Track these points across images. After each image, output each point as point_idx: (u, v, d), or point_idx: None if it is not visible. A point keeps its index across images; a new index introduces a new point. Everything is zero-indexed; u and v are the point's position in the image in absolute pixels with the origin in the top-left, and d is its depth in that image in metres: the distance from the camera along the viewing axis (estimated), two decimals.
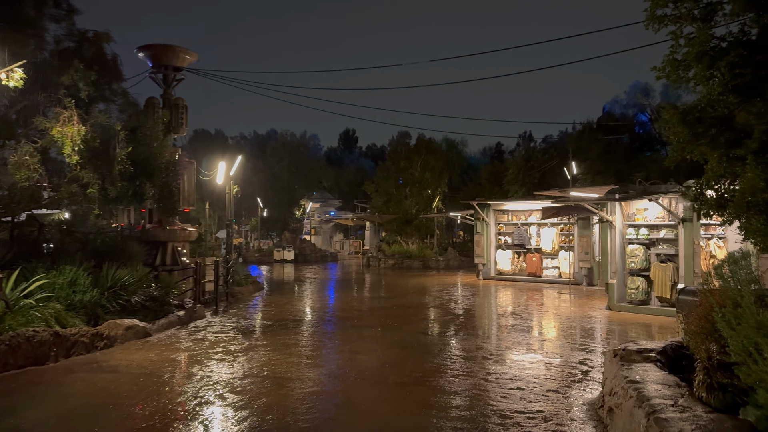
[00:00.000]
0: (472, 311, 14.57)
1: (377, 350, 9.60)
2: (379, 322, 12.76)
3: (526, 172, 35.65)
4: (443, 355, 9.08)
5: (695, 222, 12.69)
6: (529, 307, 15.20)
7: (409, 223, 32.86)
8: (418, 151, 34.01)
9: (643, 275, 13.82)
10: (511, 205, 23.44)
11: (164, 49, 15.45)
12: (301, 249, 35.24)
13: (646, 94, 35.19)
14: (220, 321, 12.77)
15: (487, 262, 22.98)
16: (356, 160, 70.65)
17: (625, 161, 31.83)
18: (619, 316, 13.25)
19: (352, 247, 44.13)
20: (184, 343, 10.27)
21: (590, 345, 10.08)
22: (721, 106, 5.19)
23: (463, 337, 10.79)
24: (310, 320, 12.86)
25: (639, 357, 5.93)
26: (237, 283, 18.25)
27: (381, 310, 14.62)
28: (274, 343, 10.09)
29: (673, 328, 11.86)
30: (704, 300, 6.00)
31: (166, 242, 15.10)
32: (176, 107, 15.47)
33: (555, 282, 21.37)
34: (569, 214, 18.87)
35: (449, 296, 17.59)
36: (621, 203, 14.14)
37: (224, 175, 18.09)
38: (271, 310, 14.55)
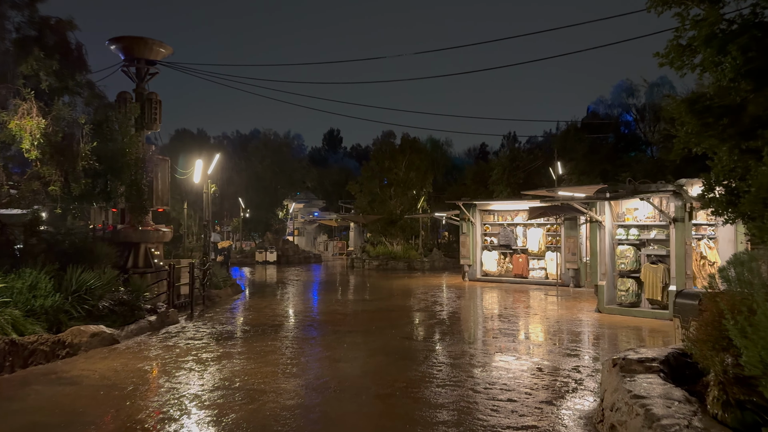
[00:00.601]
0: (458, 314, 14.09)
1: (359, 357, 9.06)
2: (361, 326, 12.22)
3: (511, 173, 35.37)
4: (429, 363, 8.57)
5: (687, 222, 12.35)
6: (516, 309, 14.77)
7: (394, 223, 32.36)
8: (403, 150, 33.53)
9: (633, 277, 13.46)
10: (497, 205, 23.05)
11: (137, 42, 14.77)
12: (283, 250, 34.55)
13: (631, 94, 35.13)
14: (194, 326, 12.14)
15: (472, 263, 22.55)
16: (341, 160, 70.05)
17: (611, 161, 31.66)
18: (609, 319, 12.86)
19: (337, 248, 43.52)
20: (154, 351, 9.64)
21: (582, 350, 9.64)
22: (733, 94, 4.75)
23: (450, 342, 10.30)
24: (290, 325, 12.28)
25: (641, 367, 5.47)
26: (215, 285, 17.60)
27: (364, 314, 14.08)
28: (250, 351, 9.50)
29: (665, 332, 11.50)
30: (710, 305, 5.56)
31: (138, 243, 14.41)
32: (149, 102, 14.78)
33: (542, 283, 21.01)
34: (556, 214, 18.50)
35: (434, 299, 17.10)
36: (610, 203, 13.77)
37: (201, 174, 17.42)
38: (250, 315, 13.94)
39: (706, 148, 5.04)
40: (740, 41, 4.56)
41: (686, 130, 4.96)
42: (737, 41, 4.59)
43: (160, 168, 14.56)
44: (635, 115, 35.06)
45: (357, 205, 34.70)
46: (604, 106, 35.93)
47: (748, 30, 4.54)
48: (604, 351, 9.61)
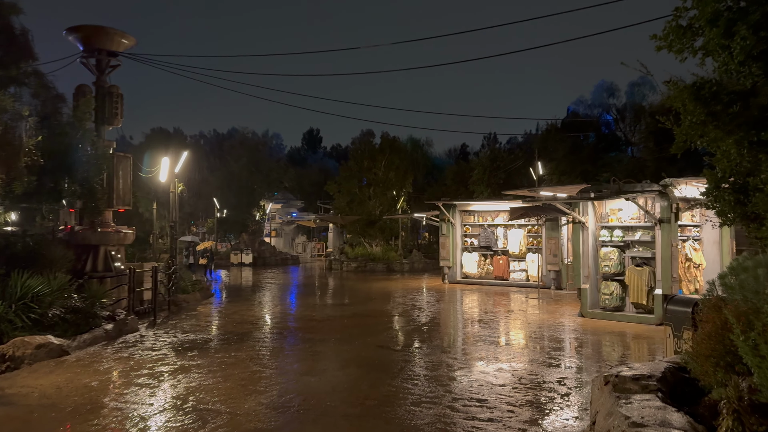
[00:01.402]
0: (437, 320, 13.49)
1: (329, 370, 8.38)
2: (335, 333, 11.54)
3: (492, 173, 34.96)
4: (404, 375, 7.93)
5: (673, 223, 11.91)
6: (497, 314, 14.22)
7: (373, 224, 31.68)
8: (383, 150, 32.87)
9: (617, 280, 12.99)
10: (478, 205, 22.53)
11: (97, 31, 13.89)
12: (260, 252, 33.65)
13: (612, 94, 34.93)
14: (155, 335, 11.34)
15: (452, 265, 22.00)
16: (320, 160, 69.14)
17: (591, 161, 31.41)
18: (593, 324, 12.37)
19: (315, 250, 42.71)
20: (105, 364, 8.86)
21: (566, 359, 9.09)
22: (742, 80, 4.18)
23: (427, 351, 9.67)
24: (259, 333, 11.55)
25: (636, 386, 4.89)
26: (182, 290, 16.76)
27: (339, 320, 13.40)
28: (211, 363, 8.76)
29: (650, 337, 11.03)
30: (711, 316, 5.01)
31: (97, 246, 13.53)
32: (110, 96, 13.91)
33: (522, 285, 20.53)
34: (538, 214, 18.02)
35: (413, 302, 16.48)
36: (594, 203, 13.29)
37: (168, 173, 16.56)
38: (217, 322, 13.16)
39: (710, 141, 4.47)
40: (751, 19, 4.00)
41: (691, 120, 4.38)
42: (748, 19, 4.03)
43: (122, 166, 13.71)
44: (615, 115, 34.90)
45: (335, 206, 33.96)
46: (585, 106, 35.77)
47: (761, 6, 3.98)
48: (590, 360, 9.08)
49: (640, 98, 33.21)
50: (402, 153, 34.36)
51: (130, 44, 14.41)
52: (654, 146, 25.75)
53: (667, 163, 24.85)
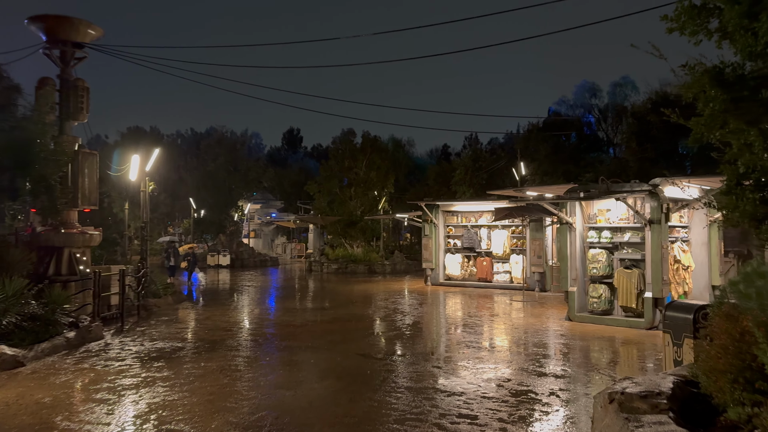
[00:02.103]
0: (421, 325, 12.98)
1: (307, 382, 7.80)
2: (314, 340, 10.95)
3: (474, 173, 34.65)
4: (386, 388, 7.38)
5: (663, 224, 11.56)
6: (482, 318, 13.76)
7: (354, 225, 31.09)
8: (364, 149, 32.31)
9: (605, 282, 12.61)
10: (461, 206, 22.10)
11: (61, 21, 13.11)
12: (237, 253, 32.83)
13: (593, 94, 34.84)
14: (121, 343, 10.63)
15: (435, 267, 21.53)
16: (301, 160, 68.34)
17: (573, 162, 31.25)
18: (581, 328, 11.97)
19: (295, 251, 41.95)
20: (63, 376, 8.16)
21: (557, 368, 8.63)
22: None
23: (411, 359, 9.14)
24: (232, 340, 10.90)
25: (644, 405, 4.41)
26: (153, 294, 16.01)
27: (318, 325, 12.81)
28: (178, 375, 8.12)
29: (641, 342, 10.65)
30: (725, 325, 4.56)
31: (61, 248, 12.76)
32: (75, 89, 13.14)
33: (506, 287, 20.13)
34: (522, 215, 17.64)
35: (395, 306, 15.95)
36: (581, 203, 12.90)
37: (138, 171, 15.80)
38: (188, 328, 12.47)
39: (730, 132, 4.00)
40: None
41: (712, 107, 3.90)
42: None
43: (88, 163, 12.95)
44: (597, 116, 34.82)
45: (316, 206, 33.30)
46: (567, 106, 35.65)
47: None
48: (582, 368, 8.63)
49: (622, 99, 33.19)
50: (383, 152, 33.85)
51: (97, 35, 13.65)
52: (636, 146, 25.62)
53: (649, 164, 24.74)
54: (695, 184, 12.81)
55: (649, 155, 24.69)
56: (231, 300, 17.76)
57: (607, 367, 8.73)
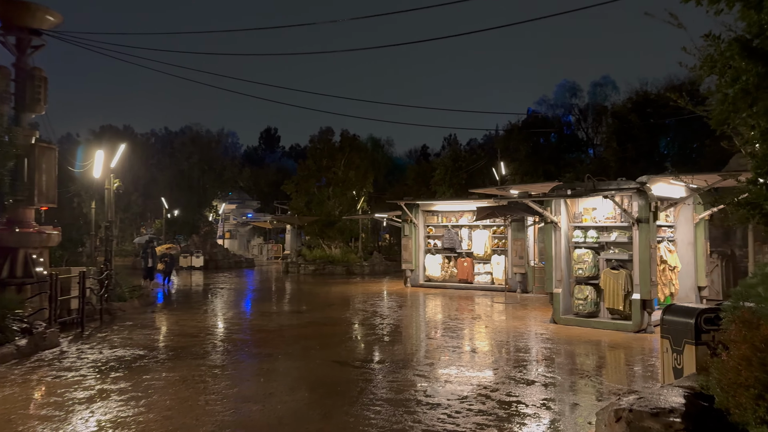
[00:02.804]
0: (400, 329, 12.41)
1: (277, 394, 7.16)
2: (287, 346, 10.30)
3: (454, 173, 34.24)
4: (364, 400, 6.78)
5: (651, 223, 11.17)
6: (464, 321, 13.25)
7: (332, 225, 30.42)
8: (342, 148, 31.69)
9: (591, 284, 12.19)
10: (442, 205, 21.60)
11: (16, 6, 12.24)
12: (211, 254, 31.89)
13: (574, 94, 34.72)
14: (78, 351, 9.85)
15: (415, 268, 21.00)
16: (278, 160, 67.36)
17: (553, 162, 31.03)
18: (567, 331, 11.52)
19: (272, 252, 41.08)
20: (7, 389, 7.39)
21: (545, 376, 8.12)
22: None
23: (390, 367, 8.55)
24: (199, 347, 10.18)
25: (657, 424, 3.89)
26: (119, 297, 15.17)
27: (292, 330, 12.14)
28: (137, 387, 7.41)
29: (629, 347, 10.22)
30: (745, 333, 4.07)
31: (16, 249, 11.88)
32: (32, 79, 12.28)
33: (488, 289, 19.69)
34: (505, 214, 17.21)
35: (374, 308, 15.36)
36: (566, 202, 12.46)
37: (103, 168, 14.94)
38: (153, 334, 11.70)
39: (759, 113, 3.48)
40: None
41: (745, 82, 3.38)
42: None
43: (45, 158, 12.10)
44: (577, 116, 34.72)
45: (293, 206, 32.54)
46: (547, 105, 35.49)
47: None
48: (572, 375, 8.14)
49: (602, 98, 33.12)
50: (362, 152, 33.30)
51: (57, 22, 12.80)
52: (617, 146, 25.46)
53: (630, 164, 24.57)
54: (682, 182, 12.47)
55: (630, 155, 24.53)
56: (202, 303, 16.97)
57: (600, 375, 8.26)
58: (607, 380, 7.82)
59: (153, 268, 21.14)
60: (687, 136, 24.60)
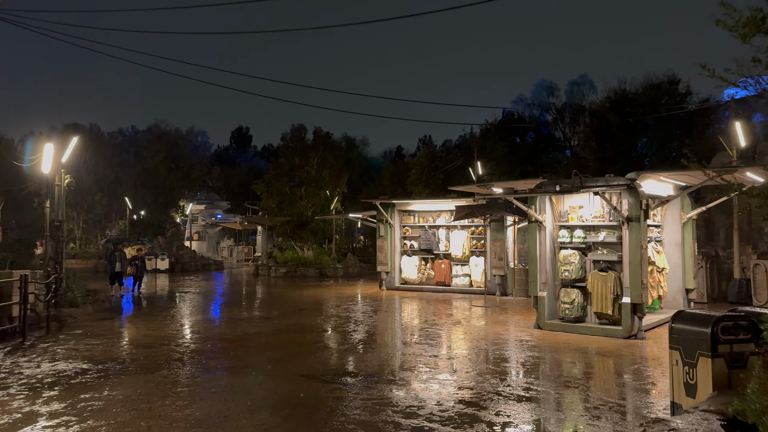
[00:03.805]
0: (375, 336, 11.54)
1: (233, 417, 6.21)
2: (250, 358, 9.34)
3: (430, 173, 33.61)
4: (334, 424, 5.89)
5: (642, 221, 10.53)
6: (443, 327, 12.44)
7: (305, 226, 29.40)
8: (315, 146, 30.68)
9: (578, 286, 11.51)
10: (419, 205, 20.81)
11: None
12: (178, 257, 30.54)
13: (551, 93, 34.37)
14: (13, 364, 8.72)
15: (390, 270, 20.16)
16: (250, 159, 65.86)
17: (531, 162, 30.57)
18: (553, 338, 10.80)
19: (242, 254, 39.78)
20: None
21: (536, 390, 7.35)
22: None
23: (364, 382, 7.67)
24: (151, 360, 9.15)
25: None
26: (71, 302, 14.00)
27: (258, 339, 11.17)
28: (71, 409, 6.38)
29: (620, 354, 9.52)
30: None
31: None
32: None
33: (466, 291, 18.99)
34: (485, 213, 16.49)
35: (347, 314, 14.45)
36: (552, 200, 11.77)
37: (53, 162, 13.73)
38: (102, 344, 10.59)
39: None
40: None
41: None
42: None
43: None
44: (555, 115, 34.35)
45: (263, 206, 31.40)
46: (524, 105, 35.04)
47: None
48: (563, 388, 7.38)
49: (579, 98, 32.83)
50: (337, 150, 32.36)
51: None
52: (596, 145, 25.05)
53: (608, 163, 24.17)
54: (671, 179, 11.90)
55: (609, 154, 24.12)
56: (161, 309, 15.83)
57: (595, 388, 7.51)
58: (605, 395, 7.08)
59: (121, 272, 19.36)
60: (666, 135, 24.34)
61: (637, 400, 6.82)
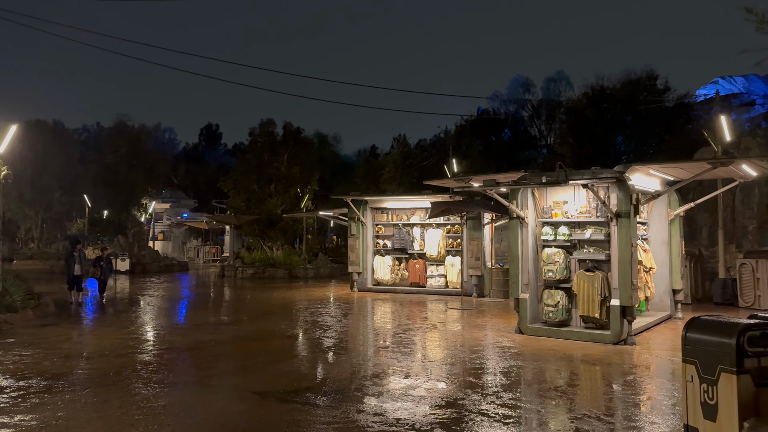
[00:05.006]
0: (342, 345, 10.54)
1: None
2: (198, 372, 8.25)
3: (404, 171, 32.74)
4: None
5: (632, 217, 9.74)
6: (417, 333, 11.50)
7: (274, 225, 28.21)
8: (285, 142, 29.52)
9: (563, 288, 10.67)
10: (393, 202, 19.85)
11: None
12: (139, 257, 29.02)
13: (527, 89, 33.79)
14: None
15: (362, 271, 19.16)
16: (220, 157, 64.08)
17: (507, 160, 29.92)
18: (536, 344, 9.94)
19: (210, 255, 38.30)
20: None
21: (525, 408, 6.44)
22: None
23: (328, 401, 6.66)
24: (82, 375, 7.98)
25: None
26: (8, 307, 12.65)
27: (211, 348, 10.05)
28: None
29: (609, 362, 8.68)
30: None
31: None
32: None
33: (441, 293, 18.11)
34: (462, 210, 15.62)
35: (314, 318, 13.41)
36: (535, 194, 10.93)
37: None
38: (33, 355, 9.34)
39: None
40: None
41: None
42: None
43: None
44: (530, 112, 33.79)
45: (231, 204, 30.10)
46: (500, 101, 34.37)
47: None
48: (553, 404, 6.49)
49: (555, 94, 32.33)
50: (308, 147, 31.22)
51: None
52: (573, 142, 24.47)
53: (586, 160, 23.60)
54: (660, 173, 11.18)
55: (587, 151, 23.55)
56: (111, 315, 14.55)
57: (589, 405, 6.63)
58: (602, 414, 6.20)
59: (81, 275, 16.66)
60: (645, 131, 23.89)
61: (639, 421, 5.95)
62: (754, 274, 13.72)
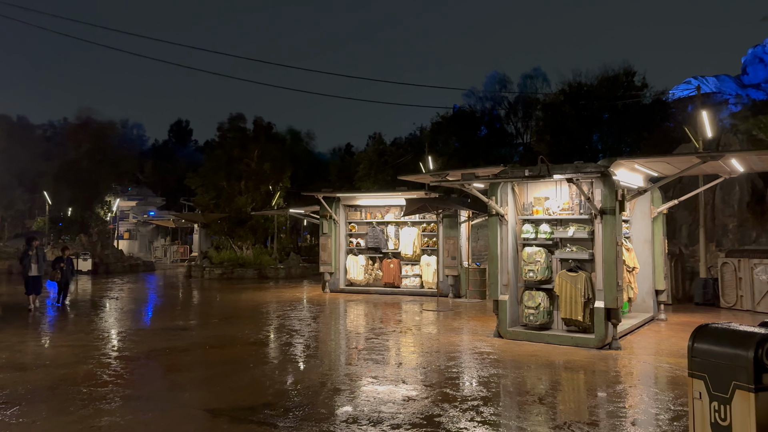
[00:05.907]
0: (311, 350, 9.79)
1: None
2: (146, 385, 7.42)
3: (379, 168, 32.08)
4: None
5: (617, 215, 9.21)
6: (391, 337, 10.81)
7: (243, 223, 27.26)
8: (256, 138, 28.58)
9: (544, 289, 10.11)
10: (366, 199, 19.14)
11: None
12: (102, 257, 27.74)
13: (504, 86, 33.40)
14: None
15: (335, 271, 18.42)
16: (190, 155, 62.42)
17: (483, 157, 29.45)
18: (517, 349, 9.35)
19: (178, 254, 37.04)
20: None
21: (510, 425, 5.80)
22: None
23: (291, 422, 5.92)
24: (14, 389, 7.08)
25: None
26: None
27: (165, 357, 9.20)
28: None
29: (593, 369, 8.10)
30: None
31: None
32: None
33: (416, 293, 17.49)
34: (438, 207, 15.00)
35: (282, 321, 12.63)
36: (515, 190, 10.33)
37: None
38: None
39: None
40: None
41: None
42: None
43: None
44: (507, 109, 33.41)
45: (198, 202, 29.01)
46: (476, 98, 33.92)
47: None
48: (537, 420, 5.87)
49: (533, 91, 32.00)
50: (279, 143, 30.31)
51: None
52: (551, 139, 24.10)
53: (563, 158, 23.22)
54: (645, 168, 10.69)
55: (564, 148, 23.20)
56: (61, 319, 13.53)
57: (575, 417, 6.02)
58: (590, 428, 5.59)
59: (39, 276, 14.75)
60: (622, 128, 23.65)
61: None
62: (736, 273, 13.39)
